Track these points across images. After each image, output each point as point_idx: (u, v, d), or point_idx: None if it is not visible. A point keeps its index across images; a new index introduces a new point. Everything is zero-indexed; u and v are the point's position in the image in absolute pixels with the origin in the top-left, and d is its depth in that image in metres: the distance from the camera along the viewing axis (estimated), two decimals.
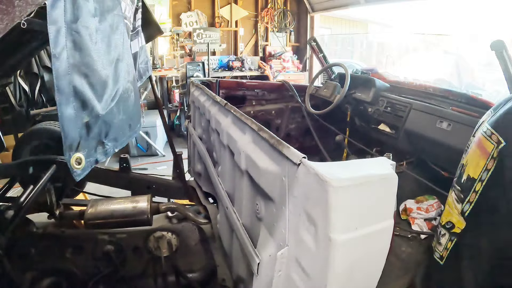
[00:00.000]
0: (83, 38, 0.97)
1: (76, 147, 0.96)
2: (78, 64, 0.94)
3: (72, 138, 0.94)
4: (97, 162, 1.09)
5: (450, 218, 1.11)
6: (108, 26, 1.15)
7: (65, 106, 0.91)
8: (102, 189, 2.35)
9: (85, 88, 0.98)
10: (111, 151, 1.19)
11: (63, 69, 0.88)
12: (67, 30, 0.89)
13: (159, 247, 1.62)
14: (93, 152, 1.07)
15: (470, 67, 4.24)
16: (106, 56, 1.13)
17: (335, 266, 0.70)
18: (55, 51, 0.85)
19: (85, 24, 0.97)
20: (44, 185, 1.59)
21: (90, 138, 1.04)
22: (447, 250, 1.15)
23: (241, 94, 2.88)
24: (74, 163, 0.95)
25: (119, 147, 1.28)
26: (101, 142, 1.13)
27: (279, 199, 0.90)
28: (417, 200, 2.14)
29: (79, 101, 0.96)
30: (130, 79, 1.39)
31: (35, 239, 1.60)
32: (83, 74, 0.97)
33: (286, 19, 6.89)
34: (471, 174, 1.00)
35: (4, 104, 3.87)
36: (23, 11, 0.51)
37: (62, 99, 0.89)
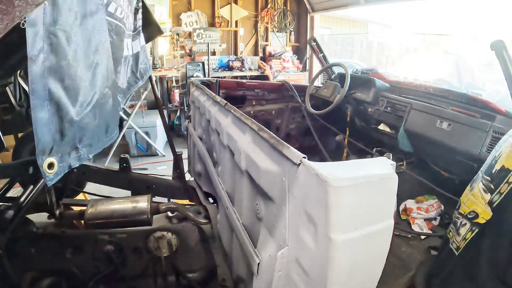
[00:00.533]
0: (61, 41, 0.96)
1: (49, 152, 0.96)
2: (54, 68, 0.93)
3: (45, 142, 0.93)
4: (70, 167, 1.09)
5: (474, 208, 1.10)
6: (88, 30, 1.14)
7: (39, 110, 0.90)
8: (102, 189, 2.35)
9: (60, 93, 0.97)
10: (85, 156, 1.19)
11: (39, 72, 0.88)
12: (44, 32, 0.88)
13: (159, 247, 1.62)
14: (66, 157, 1.07)
15: (470, 67, 4.24)
16: (84, 60, 1.12)
17: (335, 266, 0.70)
18: (31, 54, 0.84)
19: (63, 28, 0.96)
20: (44, 185, 1.59)
21: (64, 143, 1.03)
22: (465, 241, 1.13)
23: (241, 94, 2.88)
24: (46, 167, 0.95)
25: (94, 152, 1.27)
26: (75, 147, 1.12)
27: (279, 199, 0.90)
28: (417, 200, 2.14)
29: (54, 105, 0.95)
30: (109, 84, 1.37)
31: (35, 239, 1.61)
32: (58, 78, 0.96)
33: (286, 19, 6.89)
34: (505, 165, 0.98)
35: (4, 104, 3.86)
36: (23, 11, 0.51)
37: (36, 103, 0.88)
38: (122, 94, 1.67)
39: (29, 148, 2.60)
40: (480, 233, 1.09)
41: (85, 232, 1.75)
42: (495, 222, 1.00)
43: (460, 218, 1.22)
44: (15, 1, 0.49)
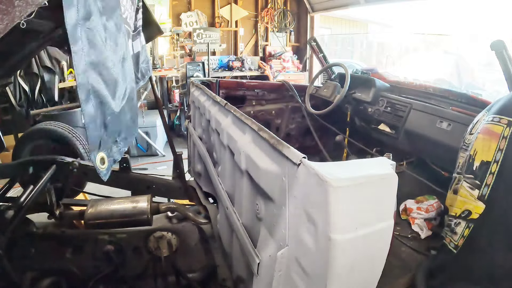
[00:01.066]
0: (96, 35, 0.97)
1: (99, 147, 0.96)
2: (93, 62, 0.95)
3: (95, 137, 0.94)
4: (115, 161, 1.09)
5: (466, 207, 1.16)
6: (114, 25, 1.15)
7: (86, 104, 0.91)
8: (102, 189, 2.34)
9: (101, 86, 0.99)
10: (123, 150, 1.20)
11: (82, 65, 0.89)
12: (81, 27, 0.89)
13: (159, 247, 1.62)
14: (110, 151, 1.07)
15: (470, 67, 4.24)
16: (115, 55, 1.13)
17: (335, 266, 0.70)
18: (74, 48, 0.86)
19: (96, 22, 0.98)
20: (44, 185, 1.59)
21: (108, 137, 1.04)
22: (464, 238, 1.18)
23: (241, 94, 2.88)
24: (99, 162, 0.95)
25: (127, 145, 1.28)
26: (115, 141, 1.13)
27: (279, 199, 0.90)
28: (417, 200, 2.14)
29: (97, 98, 0.96)
30: (133, 78, 1.40)
31: (35, 239, 1.61)
32: (98, 72, 0.98)
33: (286, 19, 6.89)
34: (484, 159, 1.05)
35: (4, 104, 3.87)
36: (23, 11, 0.51)
37: (83, 96, 0.89)
38: None
39: (29, 148, 2.60)
40: (476, 227, 1.14)
41: (85, 232, 1.75)
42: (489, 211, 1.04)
43: (454, 219, 1.26)
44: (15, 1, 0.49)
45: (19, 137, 2.85)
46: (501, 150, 1.00)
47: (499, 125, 1.01)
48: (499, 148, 0.99)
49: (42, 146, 2.59)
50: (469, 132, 1.37)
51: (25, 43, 1.65)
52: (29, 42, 1.66)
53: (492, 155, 1.02)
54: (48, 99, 4.22)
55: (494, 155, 1.01)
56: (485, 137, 1.06)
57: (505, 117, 0.97)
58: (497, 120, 1.02)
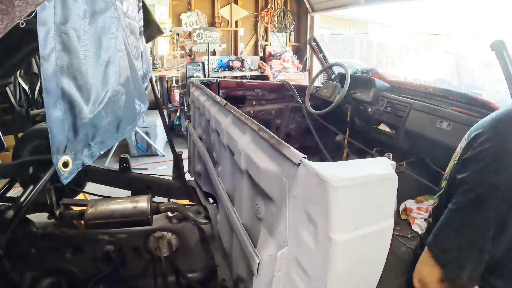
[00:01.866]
0: (72, 40, 0.96)
1: (64, 150, 0.96)
2: (66, 66, 0.94)
3: (60, 141, 0.94)
4: (84, 165, 1.09)
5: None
6: (98, 28, 1.14)
7: (53, 108, 0.90)
8: (102, 189, 2.35)
9: (73, 91, 0.98)
10: (97, 153, 1.19)
11: (52, 70, 0.88)
12: (56, 31, 0.88)
13: (159, 247, 1.62)
14: (79, 155, 1.07)
15: (470, 67, 4.24)
16: (95, 58, 1.12)
17: (335, 266, 0.70)
18: (44, 52, 0.85)
19: (74, 26, 0.97)
20: (44, 185, 1.59)
21: (77, 141, 1.04)
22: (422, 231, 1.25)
23: (241, 94, 2.88)
24: (61, 166, 0.95)
25: (105, 149, 1.27)
26: (87, 145, 1.13)
27: (279, 199, 0.90)
28: (417, 200, 2.14)
29: (67, 103, 0.96)
30: (121, 81, 1.37)
31: (35, 239, 1.61)
32: (71, 76, 0.97)
33: (286, 19, 6.89)
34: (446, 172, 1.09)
35: (4, 104, 3.87)
36: (23, 11, 0.51)
37: (50, 101, 0.89)
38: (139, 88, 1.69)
39: (29, 148, 2.60)
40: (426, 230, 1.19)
41: (85, 232, 1.75)
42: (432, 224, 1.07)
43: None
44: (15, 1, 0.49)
45: (19, 137, 2.85)
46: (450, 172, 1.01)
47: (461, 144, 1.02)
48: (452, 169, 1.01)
49: (42, 146, 2.59)
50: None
51: (25, 43, 1.65)
52: (29, 42, 1.66)
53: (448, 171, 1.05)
54: None
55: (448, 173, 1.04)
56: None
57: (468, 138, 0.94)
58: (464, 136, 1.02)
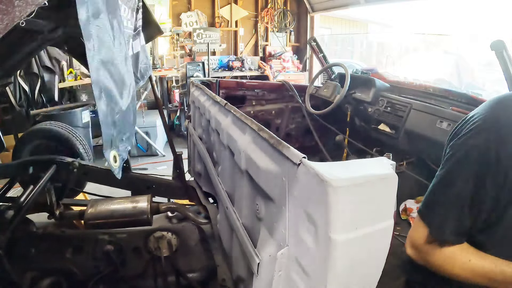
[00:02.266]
0: (104, 33, 0.98)
1: (111, 145, 0.97)
2: (103, 59, 0.95)
3: (108, 135, 0.95)
4: (123, 160, 1.09)
5: None
6: (116, 24, 1.15)
7: (99, 100, 0.91)
8: (102, 189, 2.35)
9: (110, 84, 0.99)
10: (128, 148, 1.20)
11: (96, 61, 0.90)
12: (92, 25, 0.90)
13: (159, 247, 1.62)
14: (119, 150, 1.07)
15: (470, 67, 4.24)
16: (120, 52, 1.14)
17: (335, 266, 0.70)
18: (88, 45, 0.86)
19: (104, 21, 0.99)
20: (44, 185, 1.59)
21: (117, 135, 1.05)
22: None
23: (241, 94, 2.88)
24: (112, 161, 0.95)
25: (131, 144, 1.28)
26: (121, 139, 1.13)
27: (279, 199, 0.90)
28: (417, 200, 2.14)
29: (107, 96, 0.97)
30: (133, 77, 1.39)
31: (35, 239, 1.61)
32: (107, 69, 0.98)
33: (286, 19, 6.89)
34: None
35: (4, 104, 3.87)
36: (23, 11, 0.51)
37: (96, 93, 0.90)
38: None
39: (29, 148, 2.60)
40: None
41: (85, 232, 1.75)
42: None
43: None
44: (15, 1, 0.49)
45: (19, 137, 2.85)
46: None
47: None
48: None
49: (42, 146, 2.59)
50: None
51: (25, 43, 1.65)
52: (29, 42, 1.67)
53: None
54: (48, 99, 4.22)
55: None
56: None
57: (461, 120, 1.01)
58: None
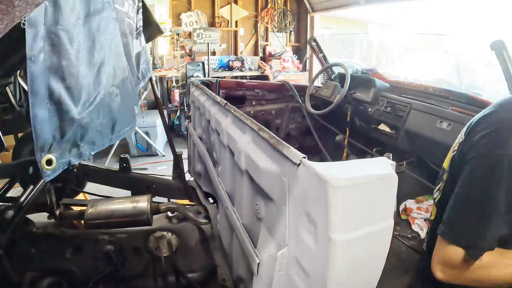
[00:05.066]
0: (62, 41, 0.96)
1: (48, 149, 0.97)
2: (55, 67, 0.94)
3: (44, 139, 0.95)
4: (70, 163, 1.10)
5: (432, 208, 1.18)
6: (93, 29, 1.14)
7: (38, 108, 0.91)
8: (102, 189, 2.35)
9: (61, 92, 0.98)
10: (86, 153, 1.20)
11: (38, 71, 0.88)
12: (46, 32, 0.89)
13: (159, 247, 1.62)
14: (66, 154, 1.07)
15: (470, 67, 4.24)
16: (88, 60, 1.12)
17: (335, 266, 0.70)
18: (31, 54, 0.85)
19: (65, 28, 0.97)
20: (44, 185, 1.59)
21: (64, 141, 1.04)
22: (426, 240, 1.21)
23: (241, 94, 2.88)
24: (44, 163, 0.96)
25: (97, 149, 1.28)
26: (75, 145, 1.13)
27: (279, 199, 0.90)
28: (417, 200, 2.14)
29: (54, 104, 0.96)
30: (116, 82, 1.37)
31: (35, 239, 1.61)
32: (60, 78, 0.97)
33: (286, 19, 6.89)
34: (444, 166, 1.08)
35: (4, 104, 3.86)
36: (23, 11, 0.51)
37: (35, 101, 0.89)
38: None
39: (29, 148, 2.60)
40: (430, 229, 1.16)
41: (85, 232, 1.75)
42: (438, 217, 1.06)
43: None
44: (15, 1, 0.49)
45: (19, 137, 2.85)
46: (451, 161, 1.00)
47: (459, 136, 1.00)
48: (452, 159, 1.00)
49: None
50: None
51: (25, 43, 1.65)
52: None
53: (448, 163, 1.03)
54: None
55: (449, 164, 1.01)
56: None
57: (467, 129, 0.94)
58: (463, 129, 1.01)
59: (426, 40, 4.86)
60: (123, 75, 1.44)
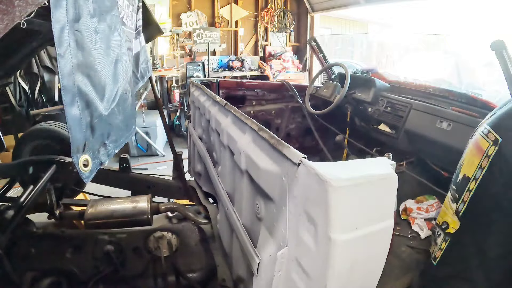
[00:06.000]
0: (85, 37, 0.97)
1: (83, 149, 0.96)
2: (80, 64, 0.94)
3: (79, 139, 0.94)
4: (101, 164, 1.08)
5: (445, 218, 1.11)
6: (106, 27, 1.15)
7: (71, 107, 0.90)
8: (102, 189, 2.35)
9: (88, 88, 0.98)
10: (112, 152, 1.19)
11: (68, 68, 0.88)
12: (69, 29, 0.89)
13: (159, 247, 1.62)
14: (97, 154, 1.06)
15: (470, 67, 4.24)
16: (106, 56, 1.13)
17: (335, 266, 0.70)
18: (60, 50, 0.85)
19: (85, 24, 0.97)
20: (44, 185, 1.59)
21: (94, 140, 1.04)
22: (441, 251, 1.15)
23: (241, 94, 2.88)
24: (81, 165, 0.94)
25: (119, 148, 1.28)
26: (103, 144, 1.12)
27: (279, 199, 0.90)
28: (417, 200, 2.14)
29: (83, 101, 0.96)
30: (128, 80, 1.39)
31: (35, 239, 1.61)
32: (85, 74, 0.97)
33: (286, 19, 6.89)
34: (466, 173, 1.01)
35: (4, 104, 3.87)
36: (23, 11, 0.51)
37: (68, 99, 0.89)
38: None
39: (29, 148, 2.60)
40: (452, 242, 1.09)
41: (85, 232, 1.75)
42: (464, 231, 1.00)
43: (437, 228, 1.22)
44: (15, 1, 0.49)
45: (19, 137, 2.85)
46: (482, 168, 0.93)
47: (487, 140, 0.93)
48: (481, 166, 0.93)
49: (42, 146, 2.59)
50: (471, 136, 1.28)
51: (25, 43, 1.65)
52: (29, 42, 1.66)
53: (473, 171, 0.95)
54: (48, 99, 4.22)
55: (475, 172, 0.94)
56: (472, 150, 1.00)
57: (494, 132, 0.89)
58: (486, 133, 0.94)
59: (426, 40, 4.86)
60: (130, 73, 1.45)
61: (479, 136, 0.98)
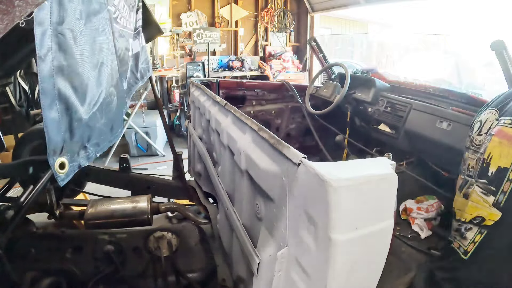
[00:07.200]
0: (68, 40, 0.96)
1: (60, 152, 0.95)
2: (62, 67, 0.93)
3: (56, 142, 0.93)
4: (80, 167, 1.08)
5: (478, 213, 1.12)
6: (93, 29, 1.14)
7: (49, 109, 0.90)
8: (102, 189, 2.35)
9: (69, 91, 0.97)
10: (93, 155, 1.19)
11: (48, 71, 0.88)
12: (52, 32, 0.88)
13: (159, 247, 1.62)
14: (76, 157, 1.06)
15: (470, 67, 4.24)
16: (90, 59, 1.12)
17: (335, 266, 0.70)
18: (40, 53, 0.84)
19: (70, 27, 0.96)
20: (44, 185, 1.59)
21: (73, 143, 1.03)
22: (474, 244, 1.16)
23: (241, 94, 2.88)
24: (57, 167, 0.94)
25: (101, 151, 1.27)
26: (83, 147, 1.12)
27: (279, 199, 0.90)
28: (417, 200, 2.14)
29: (63, 104, 0.95)
30: (114, 83, 1.37)
31: (35, 239, 1.61)
32: (67, 77, 0.96)
33: (286, 19, 6.89)
34: (501, 165, 1.02)
35: (4, 104, 3.87)
36: (23, 11, 0.51)
37: (46, 102, 0.88)
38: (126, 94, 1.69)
39: (29, 148, 2.60)
40: (490, 234, 1.11)
41: (85, 232, 1.75)
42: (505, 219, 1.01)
43: (463, 224, 1.23)
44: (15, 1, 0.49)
45: (19, 137, 2.85)
46: None
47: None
48: None
49: (42, 146, 2.58)
50: (477, 132, 1.31)
51: (25, 43, 1.65)
52: (29, 42, 1.66)
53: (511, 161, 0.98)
54: None
55: None
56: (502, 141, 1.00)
57: None
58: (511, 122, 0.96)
59: (426, 40, 4.86)
60: (116, 76, 1.44)
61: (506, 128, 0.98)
